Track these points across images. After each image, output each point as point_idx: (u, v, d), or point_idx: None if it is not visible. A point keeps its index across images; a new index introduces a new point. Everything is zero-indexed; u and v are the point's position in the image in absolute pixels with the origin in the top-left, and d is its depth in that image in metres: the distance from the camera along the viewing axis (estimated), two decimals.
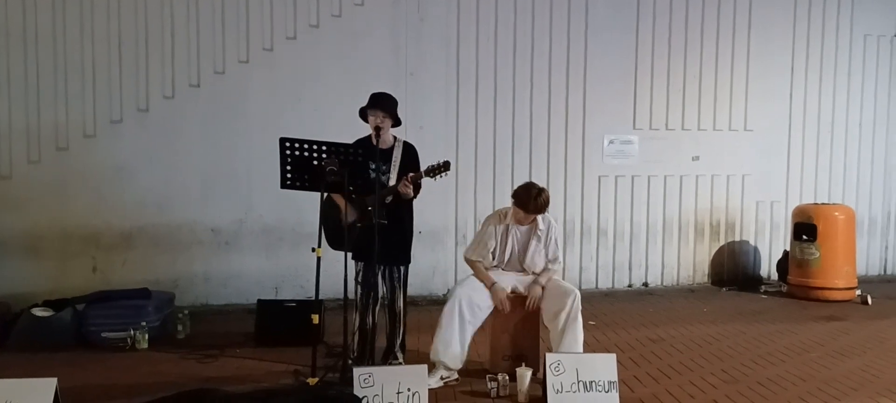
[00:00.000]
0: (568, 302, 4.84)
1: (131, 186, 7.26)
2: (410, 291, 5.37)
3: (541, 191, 4.95)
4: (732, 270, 8.87)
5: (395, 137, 5.13)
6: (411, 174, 4.91)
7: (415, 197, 5.08)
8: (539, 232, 5.08)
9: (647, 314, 7.22)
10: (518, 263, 5.15)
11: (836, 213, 7.93)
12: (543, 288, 5.05)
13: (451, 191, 7.80)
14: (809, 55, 8.90)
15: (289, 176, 4.66)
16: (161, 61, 7.29)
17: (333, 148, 4.65)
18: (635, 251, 8.56)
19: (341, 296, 4.80)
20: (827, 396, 4.71)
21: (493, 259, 5.13)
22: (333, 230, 4.98)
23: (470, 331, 4.92)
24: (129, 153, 7.25)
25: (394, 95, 5.13)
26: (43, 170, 7.13)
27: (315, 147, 4.64)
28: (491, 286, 5.01)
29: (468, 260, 5.20)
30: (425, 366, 4.33)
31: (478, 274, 5.10)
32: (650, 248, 8.60)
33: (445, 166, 4.91)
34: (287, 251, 7.50)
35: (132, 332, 5.88)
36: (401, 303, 5.17)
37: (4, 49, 7.03)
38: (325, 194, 4.75)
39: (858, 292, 7.81)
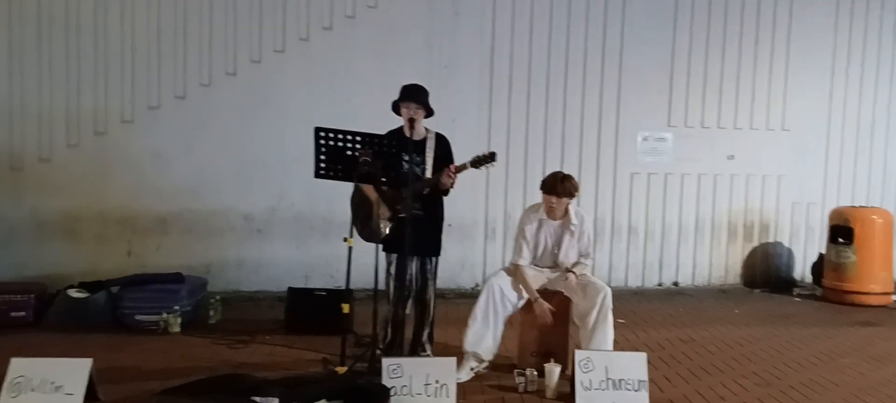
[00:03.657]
0: (599, 300, 4.81)
1: (167, 172, 7.37)
2: (439, 284, 5.37)
3: (567, 175, 4.99)
4: (765, 272, 8.73)
5: (427, 129, 5.10)
6: (455, 165, 4.86)
7: (451, 188, 4.99)
8: (572, 227, 5.05)
9: (677, 313, 7.16)
10: (551, 259, 5.13)
11: (874, 217, 7.79)
12: (578, 276, 4.99)
13: (482, 185, 7.79)
14: (851, 54, 8.68)
15: (323, 165, 4.68)
16: (199, 49, 7.39)
17: (368, 138, 4.67)
18: (666, 250, 8.47)
19: (370, 287, 4.82)
20: None
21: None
22: (365, 223, 4.97)
23: (502, 323, 4.93)
24: (165, 139, 7.36)
25: (426, 87, 5.10)
26: (81, 153, 7.28)
27: (350, 137, 4.65)
28: (535, 299, 4.93)
29: (515, 266, 5.08)
30: (454, 359, 4.34)
31: (523, 285, 4.99)
32: (681, 247, 8.50)
33: (491, 157, 4.83)
34: (318, 240, 7.55)
35: (165, 316, 5.97)
36: (430, 294, 5.17)
37: (47, 35, 7.18)
38: (355, 188, 4.76)
39: (895, 297, 7.67)
